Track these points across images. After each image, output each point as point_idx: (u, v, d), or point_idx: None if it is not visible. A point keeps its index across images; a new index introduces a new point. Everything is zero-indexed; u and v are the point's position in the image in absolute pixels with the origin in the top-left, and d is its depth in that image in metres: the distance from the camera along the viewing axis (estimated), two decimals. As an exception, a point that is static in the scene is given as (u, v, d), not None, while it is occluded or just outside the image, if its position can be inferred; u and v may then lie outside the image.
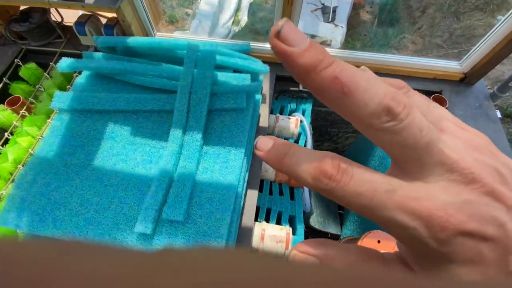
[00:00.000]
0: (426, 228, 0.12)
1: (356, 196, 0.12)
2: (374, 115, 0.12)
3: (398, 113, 0.12)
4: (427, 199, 0.12)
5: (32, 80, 1.20)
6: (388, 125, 0.12)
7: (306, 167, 0.13)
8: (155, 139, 0.88)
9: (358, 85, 0.12)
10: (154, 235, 0.74)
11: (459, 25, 2.66)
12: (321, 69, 0.12)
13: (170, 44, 0.94)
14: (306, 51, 0.12)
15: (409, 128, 0.12)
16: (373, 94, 0.12)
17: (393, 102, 0.12)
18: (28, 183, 0.79)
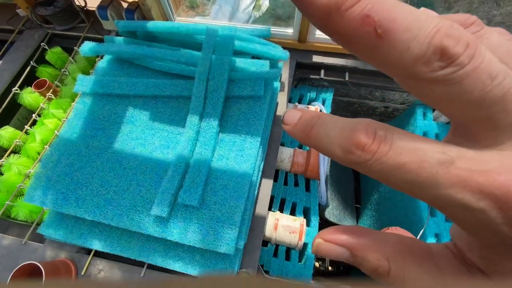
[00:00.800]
0: (500, 210, 0.09)
1: (397, 169, 0.09)
2: (421, 61, 0.09)
3: (457, 55, 0.09)
4: (501, 172, 0.09)
5: (58, 64, 1.24)
6: (443, 72, 0.09)
7: (336, 137, 0.10)
8: (173, 124, 0.89)
9: (397, 22, 0.09)
10: (170, 219, 0.76)
11: (498, 12, 2.44)
12: (347, 8, 0.09)
13: (189, 29, 0.93)
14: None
15: (475, 75, 0.09)
16: (419, 32, 0.09)
17: (449, 40, 0.09)
18: (53, 163, 0.83)
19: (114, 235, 0.81)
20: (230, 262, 0.78)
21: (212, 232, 0.74)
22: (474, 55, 0.09)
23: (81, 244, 0.81)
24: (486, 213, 0.09)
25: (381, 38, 0.09)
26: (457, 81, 0.09)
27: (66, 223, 0.83)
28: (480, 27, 0.11)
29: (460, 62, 0.09)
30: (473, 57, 0.09)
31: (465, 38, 0.09)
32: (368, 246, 0.12)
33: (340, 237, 0.12)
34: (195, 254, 0.79)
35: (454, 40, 0.09)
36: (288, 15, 2.36)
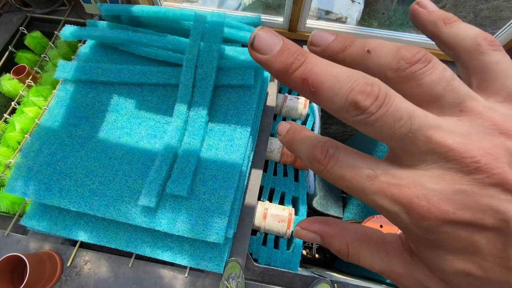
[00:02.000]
0: (407, 215, 0.12)
1: (339, 179, 0.13)
2: (342, 110, 0.12)
3: (365, 107, 0.11)
4: (410, 186, 0.12)
5: (38, 49, 1.18)
6: (358, 118, 0.12)
7: (305, 151, 0.14)
8: (160, 113, 0.87)
9: (324, 83, 0.12)
10: (158, 209, 0.75)
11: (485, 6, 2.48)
12: (292, 72, 0.12)
13: (176, 14, 0.90)
14: (277, 56, 0.13)
15: (383, 120, 0.12)
16: (338, 91, 0.12)
17: (360, 96, 0.11)
18: (34, 153, 0.80)
19: (100, 226, 0.80)
20: (220, 251, 0.79)
21: (201, 221, 0.74)
22: (381, 105, 0.11)
23: (66, 235, 0.79)
24: (398, 215, 0.12)
25: (315, 94, 0.12)
26: (371, 123, 0.12)
27: (49, 214, 0.81)
28: (425, 64, 0.13)
29: (369, 112, 0.11)
30: (381, 106, 0.11)
31: (375, 93, 0.11)
32: (334, 234, 0.15)
33: (313, 226, 0.16)
34: (184, 244, 0.79)
35: (364, 96, 0.11)
36: (278, 3, 2.32)
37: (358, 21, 2.15)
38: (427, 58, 0.12)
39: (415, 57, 0.12)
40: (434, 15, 0.15)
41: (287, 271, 0.86)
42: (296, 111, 1.14)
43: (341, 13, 2.06)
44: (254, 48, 0.13)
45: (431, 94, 0.13)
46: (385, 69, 0.13)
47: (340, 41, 0.14)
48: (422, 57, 0.12)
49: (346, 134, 1.73)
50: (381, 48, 0.13)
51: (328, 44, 0.14)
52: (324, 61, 0.13)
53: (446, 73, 0.13)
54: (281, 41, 0.13)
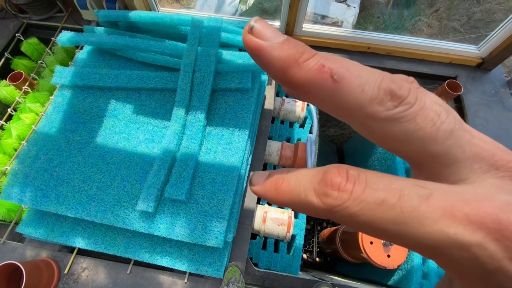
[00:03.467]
0: (497, 243, 0.08)
1: (378, 206, 0.09)
2: (375, 101, 0.10)
3: (404, 95, 0.10)
4: (481, 200, 0.08)
5: (34, 55, 1.18)
6: (397, 110, 0.10)
7: (309, 183, 0.10)
8: (158, 118, 0.87)
9: (350, 71, 0.10)
10: (156, 214, 0.74)
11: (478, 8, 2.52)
12: (304, 60, 0.10)
13: (173, 19, 0.90)
14: (284, 43, 0.10)
15: (424, 113, 0.10)
16: (369, 78, 0.10)
17: (394, 84, 0.10)
18: (31, 159, 0.79)
19: (98, 232, 0.79)
20: (219, 255, 0.78)
21: (200, 226, 0.73)
22: (417, 97, 0.10)
23: (63, 242, 0.78)
24: (483, 247, 0.08)
25: (338, 83, 0.10)
26: (410, 118, 0.10)
27: (46, 221, 0.80)
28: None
29: (408, 102, 0.10)
30: (417, 98, 0.10)
31: (406, 85, 0.10)
32: None
33: None
34: (183, 249, 0.78)
35: (398, 85, 0.10)
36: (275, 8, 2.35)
37: (354, 25, 2.17)
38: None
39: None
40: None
41: (287, 275, 0.85)
42: (294, 114, 1.15)
43: (336, 17, 2.08)
44: (254, 33, 0.11)
45: None
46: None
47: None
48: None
49: (344, 136, 1.74)
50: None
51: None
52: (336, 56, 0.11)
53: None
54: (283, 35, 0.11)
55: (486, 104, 1.12)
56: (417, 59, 1.19)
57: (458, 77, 1.17)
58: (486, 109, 1.11)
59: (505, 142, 1.05)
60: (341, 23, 2.09)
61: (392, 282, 1.00)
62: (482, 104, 1.12)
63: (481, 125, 1.08)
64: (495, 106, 1.12)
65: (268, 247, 0.96)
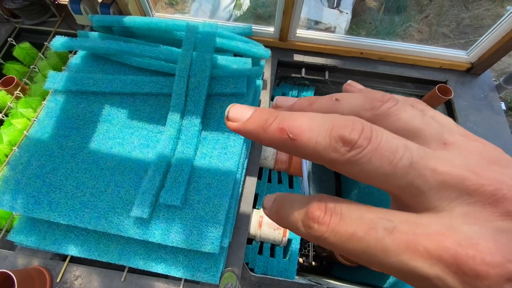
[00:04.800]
0: (455, 275, 0.09)
1: (350, 238, 0.10)
2: (329, 149, 0.10)
3: (353, 140, 0.10)
4: (444, 233, 0.09)
5: (27, 60, 1.16)
6: (349, 156, 0.10)
7: (298, 214, 0.12)
8: (153, 123, 0.86)
9: (302, 127, 0.11)
10: (151, 220, 0.73)
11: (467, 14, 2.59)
12: (267, 127, 0.12)
13: (168, 24, 0.91)
14: (250, 119, 0.12)
15: (378, 153, 0.10)
16: (319, 129, 0.11)
17: (345, 130, 0.10)
18: (23, 165, 0.78)
19: (91, 239, 0.78)
20: (215, 261, 0.77)
21: (195, 231, 0.73)
22: (371, 138, 0.10)
23: (56, 250, 0.77)
24: (443, 280, 0.09)
25: (295, 140, 0.11)
26: (367, 160, 0.10)
27: (38, 229, 0.78)
28: (394, 103, 0.12)
29: (360, 145, 0.10)
30: (371, 139, 0.10)
31: (358, 126, 0.10)
32: None
33: None
34: (178, 255, 0.77)
35: (349, 129, 0.10)
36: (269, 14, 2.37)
37: (347, 30, 2.21)
38: (394, 98, 0.12)
39: (385, 97, 0.12)
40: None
41: (284, 279, 0.85)
42: (288, 118, 1.15)
43: (329, 23, 2.12)
44: (229, 119, 0.13)
45: (412, 128, 0.12)
46: (359, 110, 0.12)
47: (305, 99, 0.14)
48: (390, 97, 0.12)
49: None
50: (348, 95, 0.13)
51: (294, 103, 0.14)
52: (297, 112, 0.12)
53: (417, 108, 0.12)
54: (253, 109, 0.13)
55: (476, 107, 1.15)
56: (409, 64, 1.21)
57: (448, 82, 1.19)
58: (476, 113, 1.14)
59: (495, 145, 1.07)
60: (334, 29, 2.13)
61: (387, 284, 1.00)
62: (472, 108, 1.14)
63: (471, 128, 1.10)
64: (485, 109, 1.15)
65: (264, 251, 0.96)
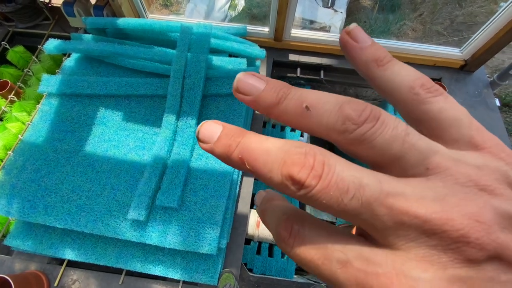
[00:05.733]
0: None
1: (309, 262, 0.11)
2: (282, 187, 0.10)
3: (301, 180, 0.10)
4: (391, 276, 0.09)
5: (21, 64, 1.16)
6: (300, 194, 0.10)
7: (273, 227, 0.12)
8: (148, 124, 0.86)
9: (257, 160, 0.11)
10: (148, 222, 0.73)
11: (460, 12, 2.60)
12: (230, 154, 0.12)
13: (162, 26, 0.91)
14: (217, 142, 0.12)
15: (327, 193, 0.10)
16: (272, 165, 0.10)
17: (294, 168, 0.10)
18: (18, 170, 0.77)
19: (88, 242, 0.77)
20: (213, 262, 0.77)
21: (193, 233, 0.72)
22: (321, 176, 0.10)
23: (52, 254, 0.76)
24: None
25: (252, 171, 0.11)
26: (316, 199, 0.10)
27: (34, 233, 0.78)
28: (373, 122, 0.11)
29: (308, 185, 0.10)
30: (320, 177, 0.10)
31: (309, 162, 0.10)
32: None
33: None
34: (176, 257, 0.77)
35: (297, 168, 0.10)
36: (264, 14, 2.37)
37: (341, 29, 2.21)
38: (375, 115, 0.11)
39: (362, 116, 0.11)
40: (366, 54, 0.13)
41: (282, 279, 0.85)
42: (285, 118, 1.15)
43: (324, 22, 2.12)
44: (200, 140, 0.12)
45: (388, 156, 0.11)
46: (329, 131, 0.11)
47: (272, 91, 0.12)
48: (369, 115, 0.11)
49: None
50: (321, 104, 0.11)
51: (259, 94, 0.12)
52: (259, 137, 0.11)
53: (399, 129, 0.11)
54: (220, 128, 0.12)
55: (470, 104, 1.16)
56: (403, 62, 1.22)
57: (442, 79, 1.20)
58: (470, 110, 1.14)
59: (489, 141, 1.08)
60: (329, 28, 2.13)
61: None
62: (466, 105, 1.15)
63: (466, 125, 1.11)
64: (479, 106, 1.16)
65: (262, 251, 0.96)
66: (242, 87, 0.12)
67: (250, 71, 0.13)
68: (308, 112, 0.11)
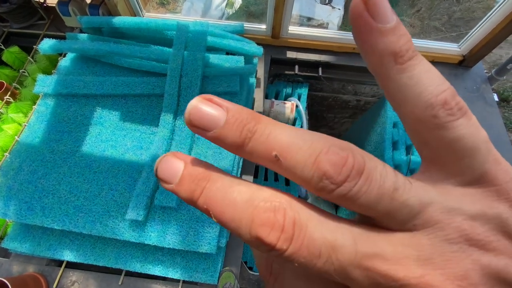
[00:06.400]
0: None
1: None
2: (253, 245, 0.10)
3: (271, 243, 0.09)
4: None
5: (16, 64, 1.14)
6: (273, 254, 0.09)
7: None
8: (145, 124, 0.85)
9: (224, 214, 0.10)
10: (147, 222, 0.73)
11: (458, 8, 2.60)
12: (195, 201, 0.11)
13: (158, 24, 0.90)
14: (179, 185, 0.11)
15: (300, 257, 0.09)
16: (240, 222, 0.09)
17: (263, 230, 0.09)
18: (14, 171, 0.77)
19: (87, 243, 0.77)
20: (213, 261, 0.77)
21: (192, 232, 0.72)
22: (292, 238, 0.09)
23: (51, 256, 0.76)
24: None
25: (220, 223, 0.10)
26: (290, 260, 0.09)
27: (32, 235, 0.77)
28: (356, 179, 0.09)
29: (279, 248, 0.09)
30: (292, 239, 0.09)
31: (279, 222, 0.09)
32: None
33: None
34: (175, 257, 0.77)
35: (267, 228, 0.09)
36: (261, 11, 2.36)
37: (339, 26, 2.21)
38: (358, 169, 0.09)
39: (342, 173, 0.09)
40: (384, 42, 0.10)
41: (282, 277, 0.85)
42: (283, 115, 1.15)
43: (322, 19, 2.11)
44: (159, 179, 0.11)
45: (374, 213, 0.10)
46: (305, 184, 0.10)
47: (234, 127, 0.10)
48: (351, 170, 0.09)
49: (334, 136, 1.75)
50: (293, 153, 0.09)
51: (220, 132, 0.10)
52: (226, 182, 0.10)
53: (386, 186, 0.09)
54: (182, 165, 0.11)
55: (469, 100, 1.16)
56: (401, 58, 1.21)
57: (441, 75, 1.20)
58: (469, 105, 1.13)
59: (489, 136, 1.08)
60: (327, 25, 2.13)
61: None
62: (464, 100, 1.13)
63: (465, 120, 1.10)
64: (477, 101, 1.15)
65: (262, 250, 0.96)
66: (197, 119, 0.10)
67: (206, 95, 0.10)
68: (279, 162, 0.10)
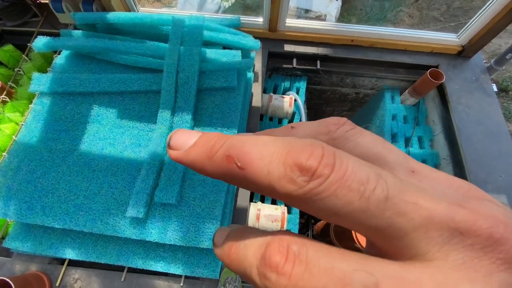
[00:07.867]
0: None
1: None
2: (284, 180, 0.08)
3: (312, 167, 0.08)
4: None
5: (11, 63, 1.13)
6: (309, 188, 0.08)
7: (253, 257, 0.09)
8: (143, 121, 0.85)
9: (250, 154, 0.09)
10: (147, 219, 0.73)
11: (457, -3, 2.57)
12: (213, 155, 0.10)
13: (153, 19, 0.88)
14: (193, 146, 0.11)
15: (345, 185, 0.08)
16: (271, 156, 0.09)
17: (301, 155, 0.08)
18: (13, 171, 0.76)
19: (88, 241, 0.77)
20: (214, 256, 0.77)
21: (193, 228, 0.72)
22: (334, 164, 0.08)
23: (53, 254, 0.76)
24: None
25: (244, 169, 0.09)
26: (330, 194, 0.08)
27: (34, 234, 0.78)
28: (351, 126, 0.10)
29: (320, 173, 0.08)
30: (334, 166, 0.08)
31: (318, 150, 0.08)
32: None
33: None
34: (177, 253, 0.77)
35: (305, 155, 0.08)
36: (257, 4, 2.33)
37: (337, 18, 2.18)
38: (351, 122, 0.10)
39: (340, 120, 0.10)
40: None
41: (283, 270, 0.86)
42: (282, 110, 1.14)
43: (320, 11, 2.09)
44: (170, 146, 0.12)
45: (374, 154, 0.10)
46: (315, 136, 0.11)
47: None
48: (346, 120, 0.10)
49: (333, 129, 1.75)
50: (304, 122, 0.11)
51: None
52: (248, 136, 0.10)
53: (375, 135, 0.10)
54: (198, 135, 0.11)
55: (468, 90, 1.15)
56: (400, 49, 1.20)
57: (440, 66, 1.19)
58: (468, 96, 1.14)
59: (487, 126, 1.07)
60: (325, 17, 2.10)
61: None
62: (464, 91, 1.15)
63: (463, 111, 1.10)
64: (476, 92, 1.15)
65: (263, 244, 0.96)
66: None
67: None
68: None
